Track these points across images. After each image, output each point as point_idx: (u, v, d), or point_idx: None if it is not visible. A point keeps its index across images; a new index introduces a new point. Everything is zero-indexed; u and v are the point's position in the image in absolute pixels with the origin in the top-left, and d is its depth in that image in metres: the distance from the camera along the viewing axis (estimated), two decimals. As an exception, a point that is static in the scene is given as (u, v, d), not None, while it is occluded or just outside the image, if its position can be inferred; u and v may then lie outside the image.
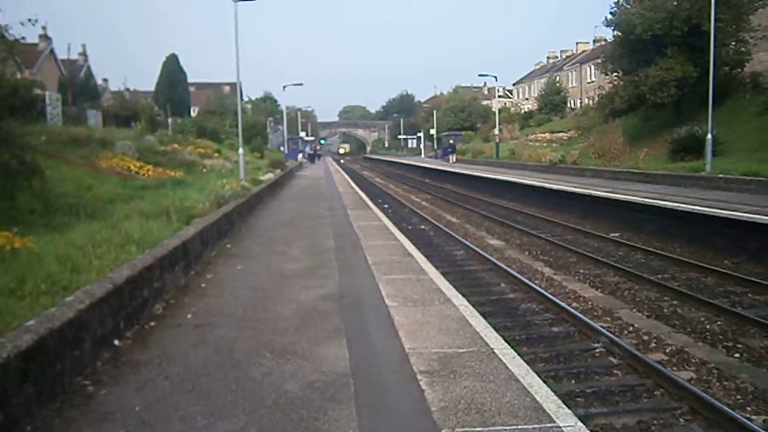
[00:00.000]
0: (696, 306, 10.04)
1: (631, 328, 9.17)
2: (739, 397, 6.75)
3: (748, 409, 6.44)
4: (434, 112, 78.34)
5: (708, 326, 9.10)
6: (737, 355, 7.99)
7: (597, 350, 8.13)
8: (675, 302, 10.35)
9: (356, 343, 5.69)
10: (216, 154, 29.35)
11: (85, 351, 4.90)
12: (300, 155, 60.29)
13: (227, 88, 69.92)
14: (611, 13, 33.41)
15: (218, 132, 42.82)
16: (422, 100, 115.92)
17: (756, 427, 5.75)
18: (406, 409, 4.30)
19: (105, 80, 61.22)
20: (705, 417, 6.12)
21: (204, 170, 22.11)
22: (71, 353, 4.66)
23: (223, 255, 10.42)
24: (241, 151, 22.33)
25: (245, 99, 75.28)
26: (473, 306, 7.14)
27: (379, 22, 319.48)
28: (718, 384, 7.10)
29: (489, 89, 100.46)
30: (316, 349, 5.52)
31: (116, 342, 5.56)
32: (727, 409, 6.09)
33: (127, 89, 57.16)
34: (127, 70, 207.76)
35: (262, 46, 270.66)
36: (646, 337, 8.74)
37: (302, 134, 76.15)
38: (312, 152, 69.05)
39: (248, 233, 13.12)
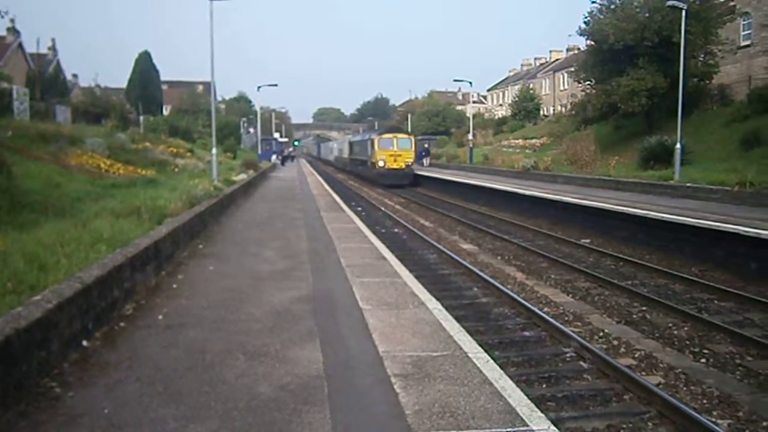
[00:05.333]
0: (664, 312, 10.22)
1: (601, 333, 9.28)
2: (705, 401, 6.88)
3: (714, 413, 6.57)
4: (409, 116, 78.52)
5: (676, 332, 9.26)
6: (704, 360, 8.14)
7: (568, 355, 8.22)
8: (644, 308, 10.52)
9: (330, 345, 5.66)
10: (188, 154, 29.07)
11: (52, 352, 4.79)
12: (274, 156, 59.91)
13: (201, 87, 69.26)
14: (585, 22, 33.84)
15: (191, 131, 42.42)
16: (397, 104, 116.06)
17: (721, 431, 5.86)
18: (380, 412, 4.29)
19: (75, 76, 60.34)
20: (672, 421, 6.22)
21: (176, 169, 21.86)
22: (38, 354, 4.55)
23: (195, 255, 10.29)
24: (214, 150, 22.10)
25: (219, 99, 74.67)
26: (447, 310, 7.16)
27: (355, 25, 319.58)
28: (685, 388, 7.22)
29: (463, 95, 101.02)
30: (289, 351, 5.48)
31: (85, 343, 5.44)
32: (693, 413, 6.20)
33: (98, 86, 56.12)
34: (99, 66, 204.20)
35: (236, 45, 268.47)
36: (615, 342, 8.86)
37: (276, 135, 75.69)
38: (284, 155, 68.29)
39: (221, 234, 12.98)
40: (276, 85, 77.26)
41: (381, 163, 40.07)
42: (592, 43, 34.04)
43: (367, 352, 5.48)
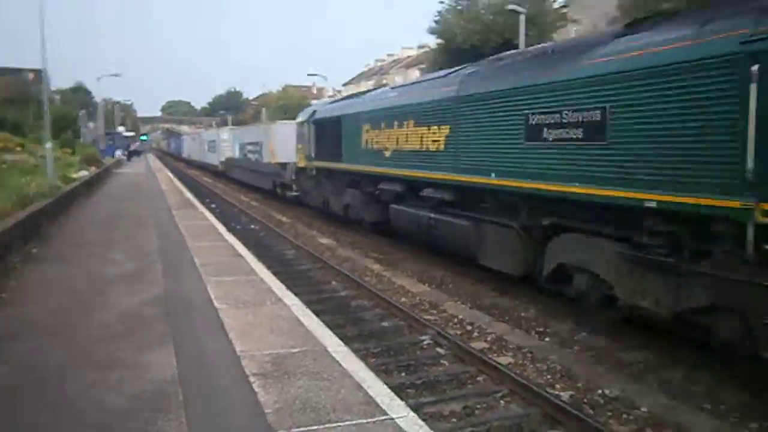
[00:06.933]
0: (512, 296, 10.87)
1: (455, 320, 9.69)
2: (549, 377, 7.42)
3: (557, 386, 7.10)
4: (263, 110, 77.17)
5: (523, 314, 9.89)
6: (548, 339, 8.78)
7: (425, 342, 8.50)
8: (493, 293, 11.13)
9: (184, 348, 5.43)
10: (19, 148, 26.60)
11: None
12: (119, 152, 56.31)
13: (31, 75, 63.18)
14: (435, 21, 35.09)
15: (21, 124, 38.77)
16: (251, 98, 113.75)
17: (562, 403, 6.36)
18: (239, 414, 4.18)
19: None
20: (522, 397, 6.65)
21: (4, 166, 19.89)
22: None
23: (30, 260, 9.41)
24: (48, 145, 20.25)
25: (54, 88, 68.69)
26: (305, 305, 7.15)
27: (206, 15, 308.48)
28: (532, 366, 7.74)
29: (318, 89, 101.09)
30: (141, 357, 5.18)
31: None
32: (538, 389, 6.67)
33: None
34: None
35: (72, 29, 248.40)
36: (469, 327, 9.29)
37: (121, 129, 71.06)
38: (131, 150, 64.32)
39: (60, 236, 11.98)
40: (119, 75, 72.34)
41: None
42: (442, 42, 35.35)
43: (223, 353, 5.32)
